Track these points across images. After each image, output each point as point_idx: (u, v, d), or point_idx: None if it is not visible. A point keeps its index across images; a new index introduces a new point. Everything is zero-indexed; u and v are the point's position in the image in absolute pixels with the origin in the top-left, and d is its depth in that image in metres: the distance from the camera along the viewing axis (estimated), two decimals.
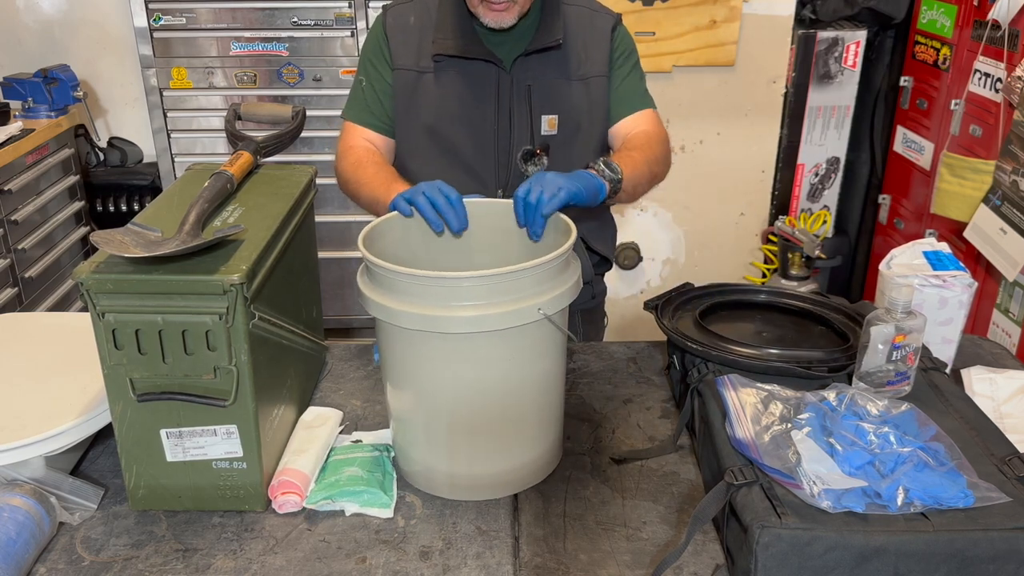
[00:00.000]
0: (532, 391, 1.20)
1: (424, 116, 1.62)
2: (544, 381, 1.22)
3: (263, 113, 1.68)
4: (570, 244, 1.17)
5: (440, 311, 1.10)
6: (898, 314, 1.20)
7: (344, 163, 1.62)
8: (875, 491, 1.01)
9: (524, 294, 1.12)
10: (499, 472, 1.22)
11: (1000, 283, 2.55)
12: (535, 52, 1.59)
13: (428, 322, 1.11)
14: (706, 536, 1.14)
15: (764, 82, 3.16)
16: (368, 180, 1.55)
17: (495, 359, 1.15)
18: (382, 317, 1.16)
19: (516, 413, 1.20)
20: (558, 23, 1.60)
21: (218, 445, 1.17)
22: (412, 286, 1.12)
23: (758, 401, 1.17)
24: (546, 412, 1.24)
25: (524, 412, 1.21)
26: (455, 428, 1.19)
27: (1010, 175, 2.38)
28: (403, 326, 1.13)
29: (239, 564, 1.11)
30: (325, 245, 3.12)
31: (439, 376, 1.17)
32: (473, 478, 1.22)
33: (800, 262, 3.23)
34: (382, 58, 1.64)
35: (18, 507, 1.11)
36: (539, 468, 1.26)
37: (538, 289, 1.13)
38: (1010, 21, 2.44)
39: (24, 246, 2.83)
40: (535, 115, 1.61)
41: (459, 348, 1.13)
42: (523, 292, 1.12)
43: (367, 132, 1.67)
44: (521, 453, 1.23)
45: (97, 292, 1.08)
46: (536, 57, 1.60)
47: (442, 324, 1.10)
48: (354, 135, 1.67)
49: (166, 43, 3.01)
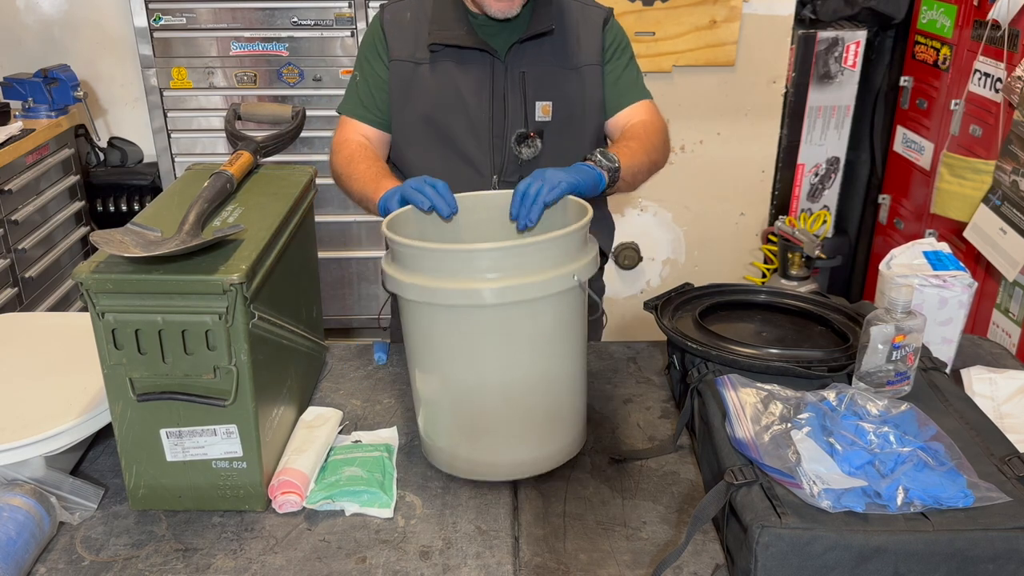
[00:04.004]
0: (558, 369, 1.23)
1: (420, 105, 1.64)
2: (570, 359, 1.24)
3: (263, 113, 1.68)
4: (590, 215, 1.23)
5: (477, 283, 1.12)
6: (898, 314, 1.20)
7: (337, 158, 1.65)
8: (875, 491, 1.01)
9: (560, 261, 1.15)
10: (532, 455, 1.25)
11: (1000, 283, 2.55)
12: (529, 39, 1.62)
13: (466, 296, 1.13)
14: (706, 536, 1.14)
15: (764, 82, 3.16)
16: (359, 176, 1.57)
17: (526, 334, 1.18)
18: (417, 297, 1.16)
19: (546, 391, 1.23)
20: (550, 11, 1.64)
21: (218, 445, 1.17)
22: (448, 261, 1.14)
23: (758, 401, 1.17)
24: (573, 391, 1.27)
25: (553, 391, 1.23)
26: (485, 408, 1.21)
27: (1010, 175, 2.38)
28: (441, 303, 1.15)
29: (239, 564, 1.11)
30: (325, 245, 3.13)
31: (470, 353, 1.19)
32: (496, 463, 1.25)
33: (800, 262, 3.23)
34: (376, 54, 1.67)
35: (18, 507, 1.11)
36: (564, 449, 1.28)
37: (572, 256, 1.17)
38: (1010, 21, 2.44)
39: (24, 246, 2.83)
40: (529, 101, 1.64)
41: (491, 322, 1.16)
42: (559, 259, 1.15)
43: (361, 126, 1.70)
44: (552, 432, 1.25)
45: (97, 292, 1.08)
46: (530, 45, 1.63)
47: (478, 297, 1.12)
48: (348, 130, 1.70)
49: (166, 43, 3.01)
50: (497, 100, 1.63)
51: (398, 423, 1.41)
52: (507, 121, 1.64)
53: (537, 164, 1.65)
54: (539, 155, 1.65)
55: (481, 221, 1.39)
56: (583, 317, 1.26)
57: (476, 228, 1.39)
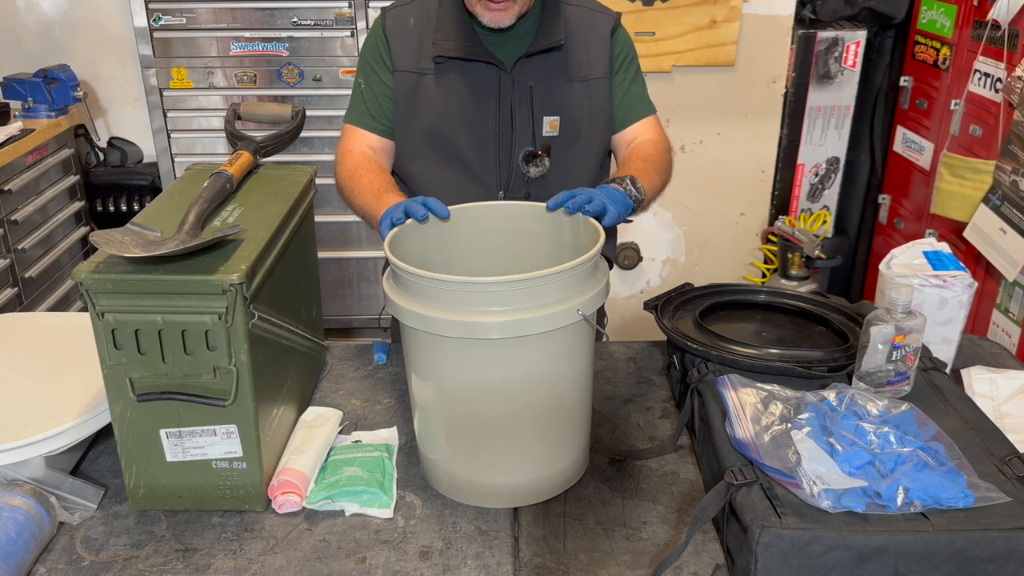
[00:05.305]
0: (563, 396, 1.19)
1: (424, 118, 1.62)
2: (576, 386, 1.21)
3: (263, 113, 1.68)
4: (601, 243, 1.18)
5: (478, 316, 1.08)
6: (898, 314, 1.20)
7: (341, 169, 1.63)
8: (875, 491, 1.01)
9: (563, 296, 1.11)
10: (532, 480, 1.21)
11: (1000, 283, 2.54)
12: (536, 53, 1.59)
13: (466, 328, 1.09)
14: (706, 536, 1.14)
15: (764, 82, 3.16)
16: (361, 190, 1.55)
17: (527, 363, 1.14)
18: (418, 326, 1.13)
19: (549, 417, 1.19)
20: (559, 24, 1.60)
21: (218, 445, 1.17)
22: (449, 293, 1.10)
23: (758, 401, 1.17)
24: (576, 417, 1.24)
25: (558, 417, 1.20)
26: (480, 432, 1.18)
27: (1010, 175, 2.38)
28: (441, 334, 1.11)
29: (239, 564, 1.11)
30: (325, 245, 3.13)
31: (467, 382, 1.16)
32: (497, 487, 1.21)
33: (800, 262, 3.23)
34: (381, 61, 1.64)
35: (18, 507, 1.11)
36: (566, 477, 1.25)
37: (576, 290, 1.13)
38: (1010, 21, 2.44)
39: (24, 246, 2.83)
40: (537, 116, 1.61)
41: (492, 353, 1.12)
42: (562, 294, 1.11)
43: (365, 135, 1.66)
44: (551, 460, 1.22)
45: (97, 292, 1.08)
46: (537, 58, 1.60)
47: (480, 330, 1.09)
48: (352, 139, 1.67)
49: (166, 43, 3.01)
50: (503, 114, 1.61)
51: (398, 423, 1.41)
52: (514, 136, 1.61)
53: (545, 181, 1.63)
54: (546, 172, 1.63)
55: (490, 231, 1.37)
56: (591, 346, 1.23)
57: (484, 238, 1.37)
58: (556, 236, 1.34)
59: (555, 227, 1.33)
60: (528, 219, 1.35)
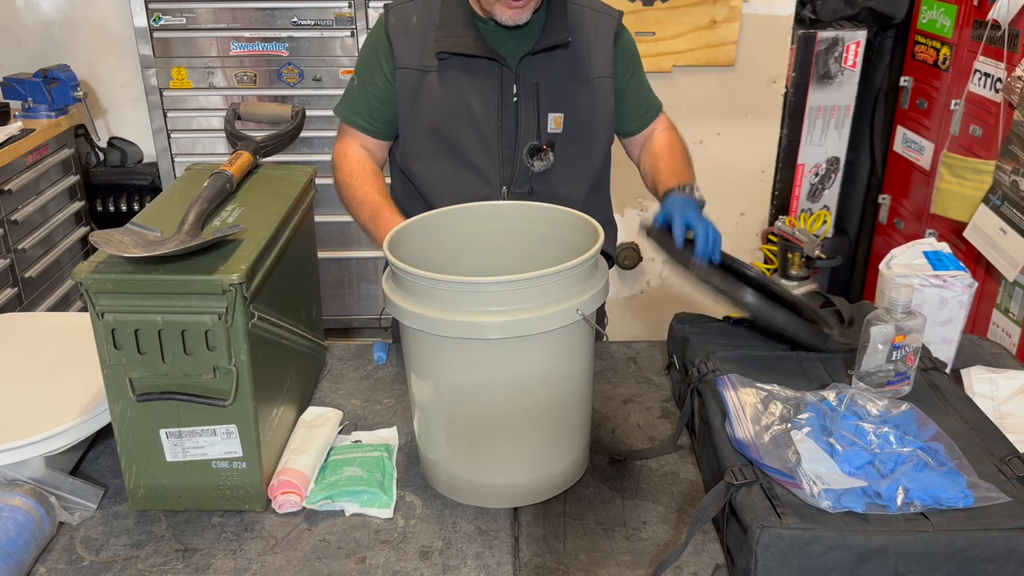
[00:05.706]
0: (563, 396, 1.20)
1: (427, 115, 1.62)
2: (576, 386, 1.21)
3: (263, 113, 1.68)
4: (600, 243, 1.18)
5: (478, 316, 1.08)
6: (898, 314, 1.20)
7: (339, 174, 1.65)
8: (875, 491, 1.01)
9: (562, 295, 1.11)
10: (532, 480, 1.21)
11: (1000, 283, 2.54)
12: (542, 51, 1.59)
13: (466, 328, 1.09)
14: (706, 536, 1.14)
15: (764, 82, 3.16)
16: (359, 203, 1.59)
17: (527, 363, 1.14)
18: (418, 326, 1.13)
19: (549, 417, 1.19)
20: (564, 22, 1.61)
21: (218, 445, 1.17)
22: (448, 292, 1.10)
23: (758, 401, 1.17)
24: (576, 417, 1.24)
25: (558, 418, 1.20)
26: (480, 432, 1.18)
27: (1010, 175, 2.38)
28: (440, 334, 1.11)
29: (239, 564, 1.11)
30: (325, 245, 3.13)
31: (467, 382, 1.16)
32: (497, 487, 1.21)
33: (800, 262, 3.23)
34: (378, 63, 1.64)
35: (18, 507, 1.11)
36: (566, 477, 1.25)
37: (575, 290, 1.13)
38: (1010, 21, 2.44)
39: (24, 246, 2.83)
40: (542, 113, 1.62)
41: (491, 353, 1.12)
42: (561, 294, 1.11)
43: (359, 136, 1.68)
44: (551, 460, 1.22)
45: (97, 292, 1.08)
46: (543, 55, 1.60)
47: (480, 330, 1.09)
48: (347, 141, 1.69)
49: (166, 43, 3.01)
50: (506, 110, 1.61)
51: (398, 423, 1.41)
52: (519, 132, 1.62)
53: (548, 176, 1.64)
54: (550, 167, 1.64)
55: (490, 232, 1.36)
56: (590, 346, 1.23)
57: (484, 238, 1.37)
58: (557, 236, 1.33)
59: (555, 227, 1.33)
60: (528, 219, 1.35)
